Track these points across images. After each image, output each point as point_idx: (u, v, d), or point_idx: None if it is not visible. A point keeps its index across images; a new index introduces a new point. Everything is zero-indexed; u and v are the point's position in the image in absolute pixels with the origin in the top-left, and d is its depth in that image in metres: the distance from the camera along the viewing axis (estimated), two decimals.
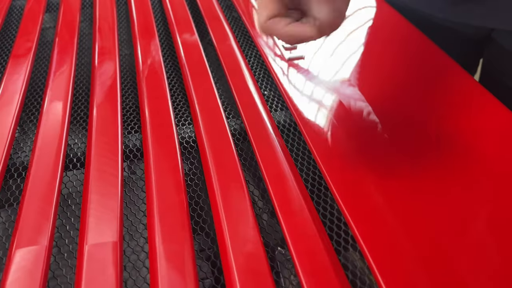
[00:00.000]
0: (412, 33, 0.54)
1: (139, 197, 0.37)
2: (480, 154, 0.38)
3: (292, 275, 0.33)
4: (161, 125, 0.42)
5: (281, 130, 0.42)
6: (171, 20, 0.59)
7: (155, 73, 0.49)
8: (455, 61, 0.48)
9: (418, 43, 0.52)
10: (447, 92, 0.45)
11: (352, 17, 0.58)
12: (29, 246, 0.31)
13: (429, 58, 0.50)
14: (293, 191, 0.35)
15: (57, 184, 0.36)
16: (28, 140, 0.44)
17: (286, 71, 0.48)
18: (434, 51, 0.50)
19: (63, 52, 0.54)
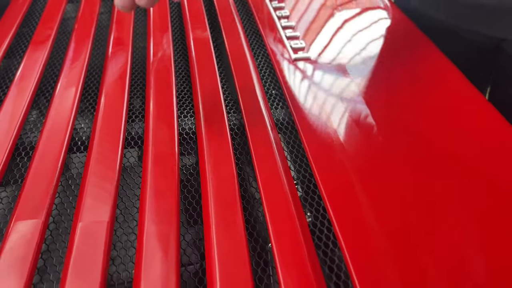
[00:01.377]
0: (420, 41, 0.54)
1: (136, 182, 0.39)
2: (478, 168, 0.38)
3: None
4: (163, 116, 0.43)
5: (279, 128, 0.43)
6: (186, 15, 0.61)
7: (164, 65, 0.51)
8: (462, 74, 0.47)
9: (426, 52, 0.52)
10: (450, 103, 0.45)
11: (362, 20, 0.58)
12: (27, 219, 0.33)
13: (435, 68, 0.50)
14: (282, 191, 0.36)
15: (59, 165, 0.38)
16: (39, 122, 0.46)
17: (291, 71, 0.49)
18: (441, 61, 0.50)
19: (79, 42, 0.56)
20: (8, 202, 0.38)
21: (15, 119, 0.43)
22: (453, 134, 0.41)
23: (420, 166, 0.38)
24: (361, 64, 0.50)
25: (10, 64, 0.55)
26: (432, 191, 0.36)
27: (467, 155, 0.39)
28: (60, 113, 0.44)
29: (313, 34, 0.55)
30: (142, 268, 0.31)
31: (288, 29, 0.56)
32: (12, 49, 0.57)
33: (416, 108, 0.44)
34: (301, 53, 0.51)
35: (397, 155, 0.39)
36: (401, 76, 0.49)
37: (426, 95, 0.46)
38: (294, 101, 0.45)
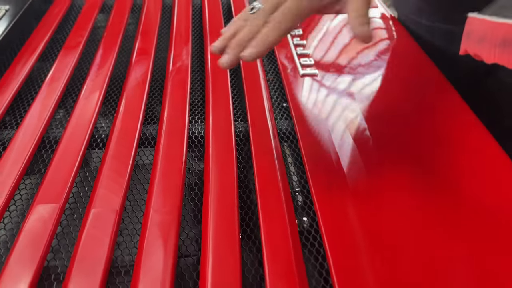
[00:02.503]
0: (425, 66, 0.56)
1: (146, 178, 0.43)
2: (469, 192, 0.40)
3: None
4: (176, 120, 0.47)
5: (281, 137, 0.47)
6: (206, 30, 0.65)
7: (181, 75, 0.55)
8: (460, 97, 0.50)
9: (430, 77, 0.55)
10: (445, 126, 0.47)
11: (370, 43, 0.61)
12: (47, 203, 0.37)
13: (436, 92, 0.52)
14: (278, 196, 0.39)
15: (79, 158, 0.43)
16: (64, 120, 0.51)
17: (297, 86, 0.53)
18: (443, 86, 0.52)
19: (107, 49, 0.61)
20: (31, 188, 0.42)
21: (43, 116, 0.48)
22: (449, 158, 0.43)
23: (414, 188, 0.40)
24: (365, 85, 0.53)
25: (43, 66, 0.60)
26: (425, 220, 0.38)
27: (465, 187, 0.41)
28: (84, 113, 0.49)
29: (322, 53, 0.59)
30: (143, 254, 0.34)
31: (300, 47, 0.59)
32: (46, 53, 0.62)
33: (416, 132, 0.47)
34: (309, 69, 0.55)
35: (392, 177, 0.41)
36: (404, 100, 0.51)
37: (428, 120, 0.48)
38: (298, 114, 0.48)
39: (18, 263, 0.34)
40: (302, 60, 0.56)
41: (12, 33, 0.62)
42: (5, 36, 0.59)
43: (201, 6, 0.74)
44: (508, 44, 0.32)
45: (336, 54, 0.59)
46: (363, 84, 0.53)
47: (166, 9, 0.74)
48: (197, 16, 0.73)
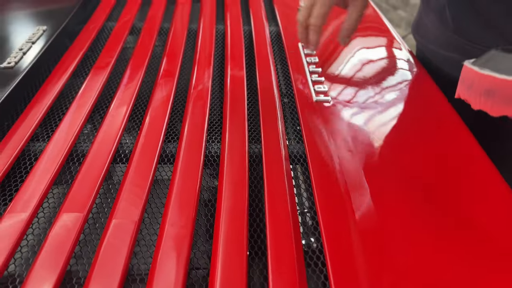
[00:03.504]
0: (439, 103, 0.57)
1: (164, 193, 0.46)
2: (478, 228, 0.42)
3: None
4: (194, 139, 0.50)
5: (292, 160, 0.49)
6: (228, 54, 0.69)
7: (202, 97, 0.59)
8: (470, 133, 0.51)
9: (443, 114, 0.56)
10: (454, 161, 0.48)
11: (385, 75, 0.64)
12: (72, 212, 0.41)
13: (448, 130, 0.53)
14: (286, 216, 0.41)
15: (103, 172, 0.46)
16: (91, 135, 0.54)
17: (310, 111, 0.55)
18: (455, 124, 0.53)
19: (134, 69, 0.65)
20: (58, 197, 0.45)
21: (72, 131, 0.52)
22: (456, 192, 0.45)
23: (420, 216, 0.42)
24: (376, 116, 0.55)
25: (75, 83, 0.65)
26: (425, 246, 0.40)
27: (472, 223, 0.43)
28: (110, 129, 0.52)
29: (336, 81, 0.61)
30: (157, 264, 0.37)
31: (315, 74, 0.62)
32: (78, 70, 0.67)
33: (424, 164, 0.48)
34: (322, 96, 0.57)
35: (398, 205, 0.43)
36: (414, 133, 0.53)
37: (436, 153, 0.49)
38: (309, 138, 0.51)
39: (43, 266, 0.37)
40: (316, 86, 0.59)
41: (48, 52, 0.67)
42: (42, 55, 0.64)
43: (224, 32, 0.78)
44: (491, 94, 0.35)
45: (350, 84, 0.61)
46: (374, 114, 0.55)
47: (191, 33, 0.78)
48: (219, 41, 0.76)
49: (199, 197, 0.43)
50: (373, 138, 0.51)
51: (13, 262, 0.39)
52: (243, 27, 0.79)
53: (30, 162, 0.49)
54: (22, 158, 0.49)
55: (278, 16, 0.83)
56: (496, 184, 0.45)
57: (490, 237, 0.39)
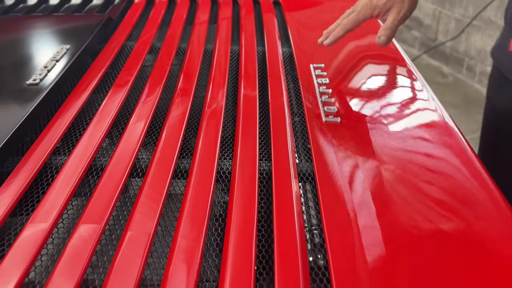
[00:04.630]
0: (452, 135, 0.59)
1: (177, 207, 0.48)
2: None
3: None
4: (207, 156, 0.53)
5: (300, 178, 0.51)
6: (241, 75, 0.72)
7: (216, 115, 0.61)
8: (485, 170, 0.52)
9: (450, 135, 0.57)
10: (464, 190, 0.49)
11: (394, 99, 0.65)
12: (89, 223, 0.43)
13: (456, 157, 0.54)
14: (293, 235, 0.43)
15: (121, 186, 0.48)
16: (110, 150, 0.57)
17: (319, 131, 0.57)
18: (464, 153, 0.54)
19: (152, 87, 0.68)
20: (77, 209, 0.48)
21: (91, 146, 0.55)
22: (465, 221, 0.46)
23: (427, 238, 0.43)
24: (384, 139, 0.57)
25: (95, 99, 0.68)
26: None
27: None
28: (128, 145, 0.55)
29: (346, 102, 0.63)
30: (169, 275, 0.39)
31: (325, 95, 0.64)
32: (98, 87, 0.70)
33: (431, 186, 0.49)
34: (331, 117, 0.59)
35: (404, 227, 0.44)
36: (422, 158, 0.53)
37: (447, 179, 0.50)
38: (318, 158, 0.53)
39: (61, 274, 0.39)
40: (326, 107, 0.61)
41: (70, 69, 0.70)
42: (65, 73, 0.68)
43: (238, 53, 0.81)
44: None
45: (359, 105, 0.63)
46: (382, 136, 0.56)
47: (207, 53, 0.81)
48: (234, 61, 0.79)
49: (211, 212, 0.45)
50: (381, 160, 0.52)
51: (33, 269, 0.41)
52: (257, 47, 0.82)
53: (51, 175, 0.51)
54: (44, 171, 0.52)
55: (290, 37, 0.85)
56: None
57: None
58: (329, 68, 0.72)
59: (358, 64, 0.75)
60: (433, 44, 2.68)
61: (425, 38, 2.76)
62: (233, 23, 0.94)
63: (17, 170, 0.50)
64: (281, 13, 1.00)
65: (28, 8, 1.02)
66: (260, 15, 0.98)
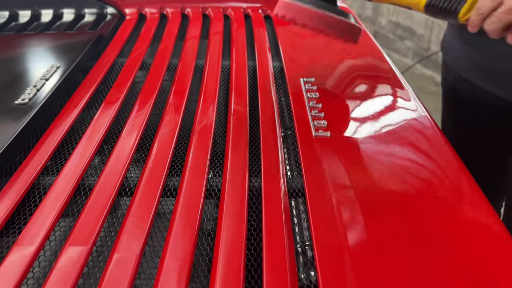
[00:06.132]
0: (438, 140, 0.59)
1: (165, 226, 0.47)
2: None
3: None
4: (196, 174, 0.52)
5: (290, 194, 0.51)
6: (232, 90, 0.72)
7: (205, 130, 0.61)
8: (470, 176, 0.52)
9: (441, 150, 0.57)
10: (456, 206, 0.49)
11: (384, 115, 0.65)
12: (77, 245, 0.42)
13: (447, 170, 0.54)
14: (282, 252, 0.42)
15: (108, 206, 0.48)
16: (99, 169, 0.57)
17: (309, 146, 0.57)
18: (455, 165, 0.54)
19: (142, 105, 0.68)
20: (65, 230, 0.47)
21: (80, 165, 0.54)
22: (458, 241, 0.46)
23: (416, 257, 0.43)
24: (376, 152, 0.56)
25: (86, 116, 0.68)
26: None
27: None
28: (117, 163, 0.55)
29: (335, 117, 0.63)
30: None
31: (315, 109, 0.64)
32: (89, 104, 0.70)
33: (422, 202, 0.49)
34: (321, 131, 0.59)
35: (394, 243, 0.44)
36: (413, 172, 0.53)
37: (438, 196, 0.49)
38: (308, 173, 0.52)
39: None
40: (316, 122, 0.61)
41: (60, 88, 0.70)
42: (54, 91, 0.68)
43: (229, 68, 0.81)
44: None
45: (350, 120, 0.63)
46: (372, 151, 0.56)
47: (198, 69, 0.81)
48: (225, 76, 0.79)
49: (201, 229, 0.45)
50: (371, 175, 0.52)
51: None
52: (248, 62, 0.82)
53: (39, 196, 0.51)
54: (32, 192, 0.52)
55: (281, 51, 0.86)
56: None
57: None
58: (319, 82, 0.72)
59: (348, 77, 0.75)
60: (426, 54, 2.70)
61: (418, 48, 2.79)
62: (224, 38, 0.94)
63: (4, 192, 0.50)
64: (272, 27, 1.01)
65: (19, 27, 1.02)
66: (251, 29, 0.98)
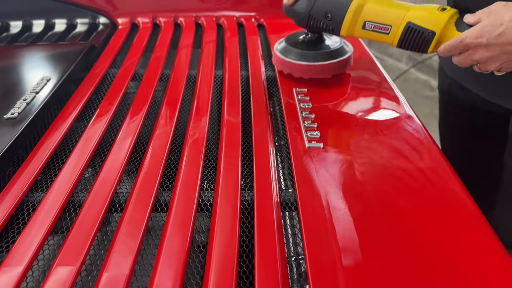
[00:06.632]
0: (431, 150, 0.58)
1: (156, 243, 0.46)
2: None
3: None
4: (188, 188, 0.51)
5: (283, 207, 0.50)
6: (224, 101, 0.71)
7: (197, 143, 0.60)
8: (471, 200, 0.50)
9: (434, 160, 0.56)
10: (445, 216, 0.48)
11: (376, 127, 0.63)
12: (65, 265, 0.42)
13: (440, 183, 0.53)
14: (274, 266, 0.42)
15: (98, 222, 0.47)
16: (89, 184, 0.56)
17: (302, 157, 0.56)
18: (447, 176, 0.54)
19: (133, 117, 0.67)
20: (53, 248, 0.46)
21: (70, 180, 0.53)
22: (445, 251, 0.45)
23: (407, 268, 0.42)
24: (368, 164, 0.56)
25: (77, 129, 0.67)
26: None
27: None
28: (107, 178, 0.54)
29: (328, 126, 0.63)
30: None
31: (308, 120, 0.63)
32: (81, 115, 0.69)
33: (411, 213, 0.48)
34: (314, 142, 0.58)
35: (385, 255, 0.44)
36: (404, 184, 0.53)
37: (425, 205, 0.49)
38: (301, 185, 0.52)
39: None
40: (309, 133, 0.60)
41: (50, 101, 0.69)
42: (44, 105, 0.67)
43: (222, 78, 0.81)
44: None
45: (343, 130, 0.63)
46: (365, 163, 0.56)
47: (191, 79, 0.81)
48: (218, 87, 0.79)
49: (192, 245, 0.44)
50: (364, 187, 0.51)
51: None
52: (241, 72, 0.82)
53: (28, 213, 0.50)
54: (20, 209, 0.51)
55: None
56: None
57: None
58: (312, 92, 0.72)
59: (341, 87, 0.75)
60: (420, 58, 2.70)
61: (412, 53, 2.79)
62: (217, 47, 0.94)
63: None
64: (265, 36, 1.00)
65: (11, 37, 1.01)
66: (244, 38, 0.98)
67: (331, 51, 0.74)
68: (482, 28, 0.53)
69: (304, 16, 0.70)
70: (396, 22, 0.62)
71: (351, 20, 0.66)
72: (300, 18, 0.71)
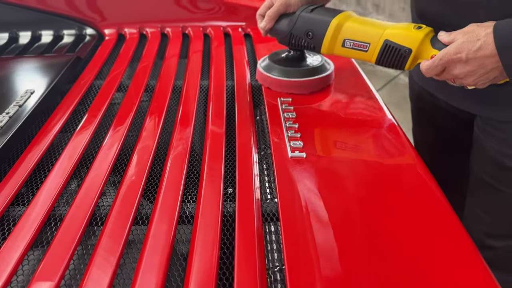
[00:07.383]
0: (412, 158, 0.59)
1: (136, 256, 0.46)
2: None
3: None
4: (169, 200, 0.51)
5: (265, 218, 0.50)
6: (209, 112, 0.71)
7: (181, 154, 0.60)
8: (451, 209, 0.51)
9: (416, 169, 0.57)
10: (426, 225, 0.48)
11: (361, 138, 0.64)
12: (44, 281, 0.41)
13: (418, 190, 0.53)
14: (253, 278, 0.42)
15: (78, 237, 0.47)
16: (71, 197, 0.55)
17: (285, 167, 0.57)
18: (426, 183, 0.54)
19: (117, 128, 0.67)
20: (33, 264, 0.46)
21: (51, 194, 0.53)
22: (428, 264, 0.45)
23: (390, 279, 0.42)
24: (351, 173, 0.56)
25: (60, 142, 0.67)
26: None
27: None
28: (89, 190, 0.54)
29: (311, 136, 0.63)
30: None
31: (291, 130, 0.64)
32: (64, 129, 0.69)
33: (394, 223, 0.48)
34: (297, 152, 0.59)
35: (366, 264, 0.44)
36: (386, 193, 0.53)
37: (406, 214, 0.50)
38: (283, 195, 0.52)
39: None
40: (292, 142, 0.60)
41: (34, 114, 0.69)
42: (27, 118, 0.67)
43: (207, 88, 0.81)
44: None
45: (326, 139, 0.63)
46: (348, 172, 0.56)
47: (176, 90, 0.81)
48: (203, 97, 0.79)
49: (172, 258, 0.44)
50: (346, 197, 0.52)
51: None
52: (227, 82, 0.82)
53: (8, 228, 0.50)
54: (0, 223, 0.50)
55: None
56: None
57: None
58: (296, 102, 0.72)
59: (325, 97, 0.75)
60: None
61: None
62: (204, 57, 0.94)
63: None
64: (251, 45, 1.01)
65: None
66: (230, 48, 0.98)
67: (310, 68, 0.76)
68: (461, 45, 0.54)
69: (285, 35, 0.72)
70: (374, 40, 0.64)
71: (331, 38, 0.67)
72: (282, 37, 0.73)
